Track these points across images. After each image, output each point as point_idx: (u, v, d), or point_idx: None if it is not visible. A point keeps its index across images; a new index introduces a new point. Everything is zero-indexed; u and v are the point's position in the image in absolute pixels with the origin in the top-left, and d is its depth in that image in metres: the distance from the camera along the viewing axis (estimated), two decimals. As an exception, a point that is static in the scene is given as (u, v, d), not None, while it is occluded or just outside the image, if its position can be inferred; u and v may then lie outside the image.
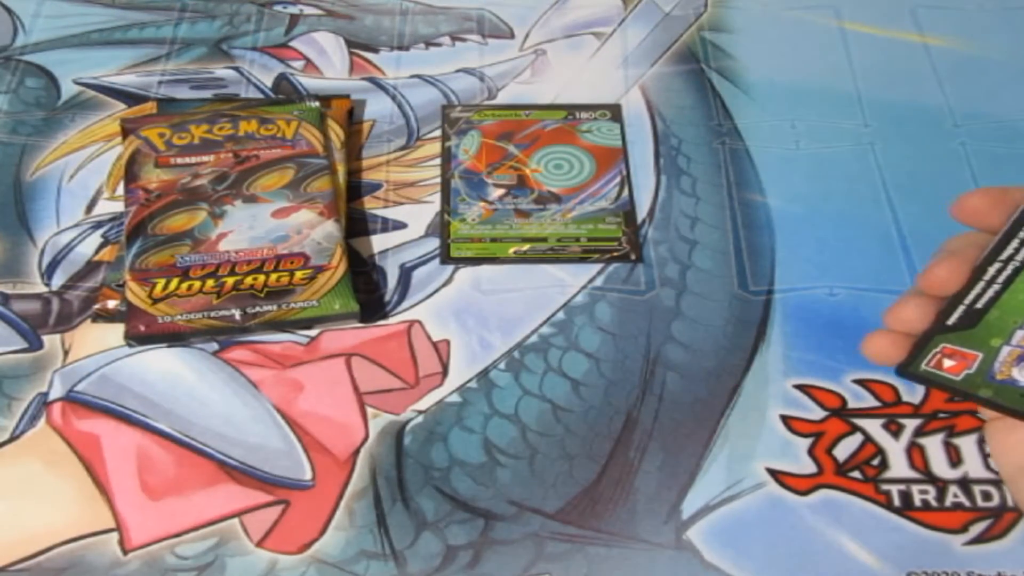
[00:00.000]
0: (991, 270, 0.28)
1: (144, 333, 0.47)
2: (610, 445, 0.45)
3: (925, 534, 0.43)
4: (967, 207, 0.29)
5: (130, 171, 0.52)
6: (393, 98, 0.60)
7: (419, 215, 0.54)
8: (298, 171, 0.53)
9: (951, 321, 0.30)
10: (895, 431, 0.46)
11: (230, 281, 0.48)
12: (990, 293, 0.29)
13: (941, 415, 0.46)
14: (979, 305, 0.29)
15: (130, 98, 0.59)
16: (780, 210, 0.54)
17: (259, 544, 0.42)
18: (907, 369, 0.31)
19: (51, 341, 0.48)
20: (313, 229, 0.50)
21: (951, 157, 0.57)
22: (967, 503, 0.43)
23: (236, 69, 0.61)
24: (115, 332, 0.48)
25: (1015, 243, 0.28)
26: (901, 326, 0.31)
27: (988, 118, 0.59)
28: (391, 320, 0.50)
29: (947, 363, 0.31)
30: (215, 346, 0.48)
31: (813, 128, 0.58)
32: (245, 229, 0.50)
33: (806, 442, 0.45)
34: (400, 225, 0.54)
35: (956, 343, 0.30)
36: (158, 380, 0.47)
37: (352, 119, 0.58)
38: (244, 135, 0.54)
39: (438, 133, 0.58)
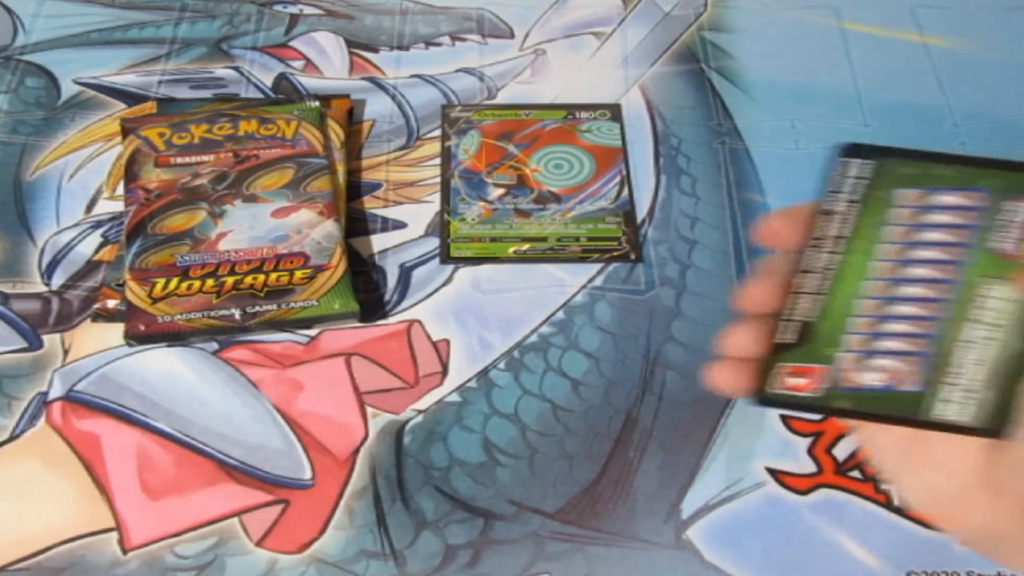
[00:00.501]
0: (804, 283, 0.29)
1: (144, 332, 0.47)
2: (610, 445, 0.45)
3: (925, 534, 0.43)
4: (765, 232, 0.30)
5: (130, 171, 0.52)
6: (393, 98, 0.60)
7: (419, 215, 0.54)
8: (298, 171, 0.53)
9: (784, 340, 0.30)
10: (895, 431, 0.46)
11: (230, 281, 0.48)
12: (810, 305, 0.29)
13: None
14: (804, 319, 0.29)
15: (130, 98, 0.59)
16: (780, 210, 0.54)
17: (259, 543, 0.42)
18: (760, 396, 0.31)
19: (51, 341, 0.48)
20: (313, 229, 0.50)
21: (951, 157, 0.57)
22: (967, 503, 0.43)
23: (236, 69, 0.61)
24: (115, 332, 0.48)
25: (811, 253, 0.28)
26: (738, 352, 0.31)
27: (988, 118, 0.59)
28: (391, 320, 0.50)
29: (796, 382, 0.30)
30: (215, 346, 0.48)
31: (813, 128, 0.58)
32: (245, 229, 0.50)
33: (806, 441, 0.45)
34: (400, 225, 0.54)
35: (797, 360, 0.30)
36: (158, 380, 0.47)
37: (352, 119, 0.58)
38: (244, 135, 0.54)
39: (438, 133, 0.58)
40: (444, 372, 0.48)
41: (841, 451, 0.45)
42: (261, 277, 0.48)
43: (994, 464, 0.28)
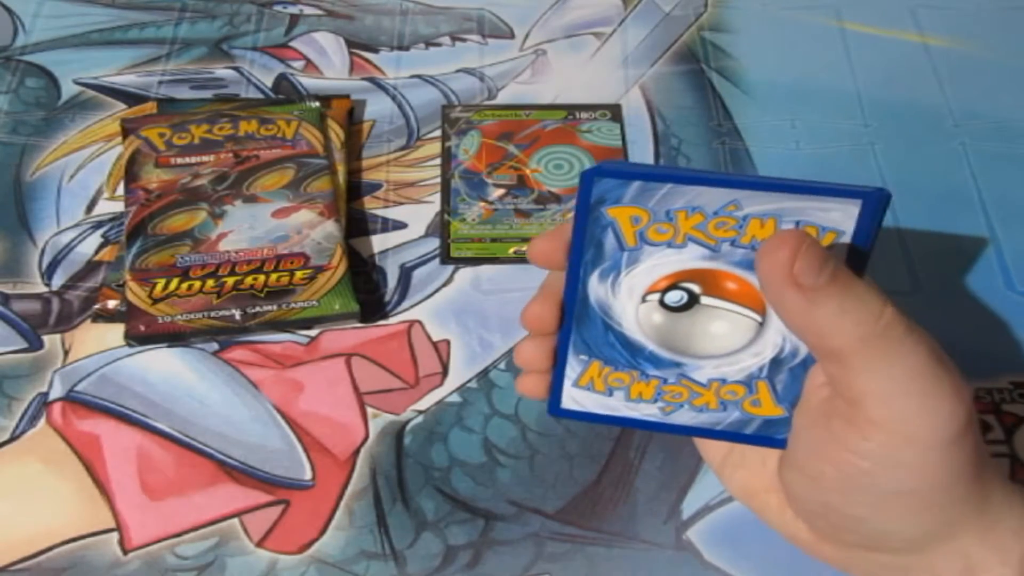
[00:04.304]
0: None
1: (144, 333, 0.47)
2: (610, 445, 0.45)
3: (925, 534, 0.43)
4: (535, 253, 0.31)
5: (130, 171, 0.52)
6: (393, 98, 0.60)
7: (419, 215, 0.54)
8: (298, 171, 0.53)
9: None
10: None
11: (230, 281, 0.48)
12: None
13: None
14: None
15: (130, 98, 0.59)
16: (780, 210, 0.54)
17: (259, 544, 0.42)
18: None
19: (51, 341, 0.48)
20: (313, 229, 0.50)
21: (951, 157, 0.57)
22: (967, 503, 0.43)
23: (236, 69, 0.61)
24: (115, 332, 0.48)
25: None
26: (531, 367, 0.31)
27: (988, 118, 0.59)
28: (391, 320, 0.50)
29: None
30: (215, 346, 0.48)
31: (813, 128, 0.58)
32: (245, 229, 0.50)
33: (806, 442, 0.45)
34: (400, 225, 0.54)
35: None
36: (158, 380, 0.47)
37: (352, 119, 0.58)
38: (244, 135, 0.54)
39: (438, 133, 0.58)
40: (444, 372, 0.48)
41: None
42: (261, 277, 0.48)
43: (780, 471, 0.31)
